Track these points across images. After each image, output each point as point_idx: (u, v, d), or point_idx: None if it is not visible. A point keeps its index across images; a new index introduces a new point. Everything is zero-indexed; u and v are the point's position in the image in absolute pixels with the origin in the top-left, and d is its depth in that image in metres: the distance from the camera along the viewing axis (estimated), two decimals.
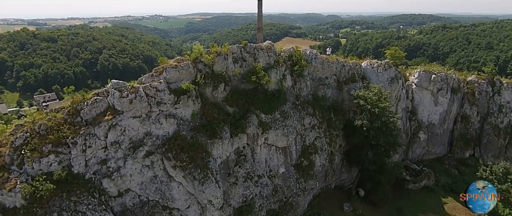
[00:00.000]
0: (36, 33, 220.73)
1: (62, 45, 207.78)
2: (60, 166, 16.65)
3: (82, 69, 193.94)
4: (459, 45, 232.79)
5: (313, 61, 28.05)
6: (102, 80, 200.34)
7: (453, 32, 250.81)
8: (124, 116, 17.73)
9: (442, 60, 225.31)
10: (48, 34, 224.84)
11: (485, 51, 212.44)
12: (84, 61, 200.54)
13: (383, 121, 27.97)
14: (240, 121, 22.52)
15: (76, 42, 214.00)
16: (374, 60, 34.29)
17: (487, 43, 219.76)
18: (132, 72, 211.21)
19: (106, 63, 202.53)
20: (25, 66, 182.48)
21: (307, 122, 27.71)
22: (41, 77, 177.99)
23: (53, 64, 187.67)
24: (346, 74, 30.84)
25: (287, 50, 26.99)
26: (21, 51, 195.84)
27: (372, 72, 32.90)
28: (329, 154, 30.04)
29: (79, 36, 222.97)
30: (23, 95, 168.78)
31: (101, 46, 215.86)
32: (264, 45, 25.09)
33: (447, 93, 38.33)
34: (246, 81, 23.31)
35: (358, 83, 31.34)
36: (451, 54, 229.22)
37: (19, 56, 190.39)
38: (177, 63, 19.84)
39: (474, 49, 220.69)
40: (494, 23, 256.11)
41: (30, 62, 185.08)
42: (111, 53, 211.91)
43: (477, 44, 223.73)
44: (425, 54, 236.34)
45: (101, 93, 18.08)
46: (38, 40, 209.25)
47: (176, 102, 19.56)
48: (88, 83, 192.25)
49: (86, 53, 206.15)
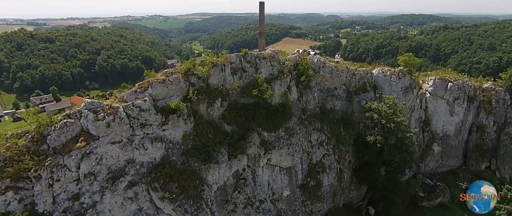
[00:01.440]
0: (33, 34, 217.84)
1: (60, 46, 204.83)
2: (20, 205, 13.75)
3: (80, 70, 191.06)
4: (461, 46, 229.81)
5: (321, 70, 25.09)
6: (100, 81, 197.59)
7: (454, 33, 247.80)
8: (101, 142, 14.82)
9: (443, 61, 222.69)
10: (46, 34, 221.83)
11: (488, 52, 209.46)
12: (82, 62, 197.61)
13: (399, 137, 25.05)
14: (239, 142, 19.61)
15: (74, 42, 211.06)
16: (386, 68, 31.25)
17: (490, 44, 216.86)
18: (131, 73, 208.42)
19: (104, 64, 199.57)
20: (22, 67, 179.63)
21: (314, 138, 24.81)
22: (38, 78, 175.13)
23: (50, 65, 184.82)
24: (356, 83, 27.87)
25: (292, 58, 24.06)
26: (18, 52, 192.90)
27: (385, 81, 29.92)
28: (338, 172, 27.14)
29: (77, 37, 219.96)
30: (20, 97, 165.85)
31: (100, 47, 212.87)
32: (266, 53, 22.15)
33: (464, 102, 35.42)
34: (247, 95, 20.39)
35: (369, 93, 28.38)
36: (453, 55, 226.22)
37: (16, 56, 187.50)
38: (166, 77, 16.89)
39: (476, 50, 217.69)
40: (496, 23, 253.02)
41: (27, 63, 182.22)
42: (109, 54, 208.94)
43: (479, 45, 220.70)
44: (426, 55, 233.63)
45: (72, 115, 15.08)
46: (35, 40, 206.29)
47: (164, 122, 16.67)
48: (86, 84, 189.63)
49: (84, 54, 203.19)
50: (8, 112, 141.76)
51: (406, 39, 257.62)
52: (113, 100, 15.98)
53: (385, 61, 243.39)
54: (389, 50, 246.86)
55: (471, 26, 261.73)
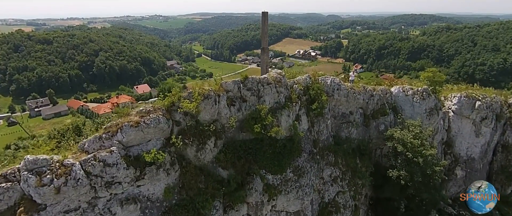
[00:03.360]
0: (31, 35, 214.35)
1: (58, 47, 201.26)
2: None
3: (77, 72, 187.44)
4: (464, 47, 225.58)
5: (336, 93, 21.12)
6: (98, 83, 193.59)
7: (457, 34, 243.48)
8: (49, 213, 10.96)
9: (447, 63, 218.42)
10: (44, 35, 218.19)
11: (492, 53, 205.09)
12: (79, 64, 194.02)
13: (428, 174, 21.11)
14: (237, 193, 15.69)
15: (72, 44, 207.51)
16: (407, 86, 27.05)
17: (494, 45, 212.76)
18: (130, 74, 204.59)
19: (102, 65, 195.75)
20: (19, 69, 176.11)
21: (327, 174, 20.92)
22: (35, 80, 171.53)
23: (47, 67, 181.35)
24: (374, 105, 23.90)
25: (302, 81, 20.07)
26: (15, 54, 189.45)
27: (406, 101, 25.92)
28: (353, 210, 23.21)
29: (75, 38, 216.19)
30: (16, 100, 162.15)
31: (98, 48, 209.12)
32: (271, 76, 18.16)
33: (492, 122, 31.45)
34: (247, 130, 16.47)
35: (388, 116, 24.38)
36: (456, 56, 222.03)
37: (12, 58, 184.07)
38: (140, 118, 12.94)
39: (480, 51, 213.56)
40: (500, 24, 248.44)
41: (24, 65, 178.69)
42: (108, 55, 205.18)
43: (483, 46, 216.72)
44: (429, 56, 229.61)
45: (9, 176, 11.17)
46: (33, 42, 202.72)
47: (138, 177, 12.76)
48: (83, 86, 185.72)
49: (82, 56, 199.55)
50: (3, 116, 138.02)
51: (408, 40, 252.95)
52: (69, 153, 12.00)
53: (387, 62, 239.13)
54: (391, 52, 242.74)
55: (474, 27, 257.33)
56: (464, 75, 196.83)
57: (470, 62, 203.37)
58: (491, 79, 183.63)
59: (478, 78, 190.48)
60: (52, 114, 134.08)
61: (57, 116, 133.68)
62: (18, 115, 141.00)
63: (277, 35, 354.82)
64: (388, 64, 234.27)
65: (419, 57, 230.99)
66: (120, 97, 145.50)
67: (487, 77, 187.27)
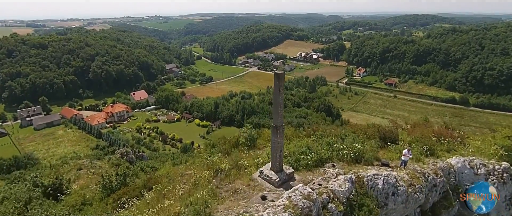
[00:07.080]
0: (25, 39, 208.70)
1: (53, 52, 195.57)
2: None
3: (72, 78, 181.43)
4: (472, 51, 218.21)
5: (391, 201, 13.61)
6: (94, 89, 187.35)
7: (464, 36, 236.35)
8: None
9: (454, 67, 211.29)
10: (39, 40, 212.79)
11: (501, 58, 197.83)
12: (75, 69, 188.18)
13: None
14: None
15: (67, 48, 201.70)
16: (477, 159, 16.98)
17: (503, 48, 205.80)
18: (127, 80, 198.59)
19: (99, 71, 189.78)
20: (12, 75, 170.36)
21: None
22: (28, 87, 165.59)
23: (41, 72, 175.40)
24: (436, 197, 16.21)
25: (341, 194, 12.09)
26: (8, 59, 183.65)
27: (474, 180, 17.39)
28: None
29: (71, 42, 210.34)
30: (8, 107, 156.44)
31: (94, 53, 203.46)
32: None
33: None
34: None
35: (454, 208, 16.58)
36: (463, 60, 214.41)
37: (5, 64, 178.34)
38: None
39: (488, 55, 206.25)
40: (507, 26, 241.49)
41: (17, 71, 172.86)
42: (104, 60, 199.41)
43: (492, 49, 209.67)
44: (435, 60, 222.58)
45: None
46: (27, 46, 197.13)
47: None
48: (79, 92, 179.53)
49: (77, 61, 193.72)
50: None
51: (413, 43, 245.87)
52: None
53: (391, 66, 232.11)
54: (396, 55, 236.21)
55: (481, 29, 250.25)
56: (472, 80, 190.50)
57: (478, 67, 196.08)
58: (501, 84, 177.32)
59: (487, 84, 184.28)
60: (44, 124, 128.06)
61: (49, 126, 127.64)
62: (8, 124, 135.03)
63: (278, 37, 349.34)
64: (393, 68, 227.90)
65: (424, 61, 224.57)
66: (115, 106, 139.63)
67: (497, 82, 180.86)
